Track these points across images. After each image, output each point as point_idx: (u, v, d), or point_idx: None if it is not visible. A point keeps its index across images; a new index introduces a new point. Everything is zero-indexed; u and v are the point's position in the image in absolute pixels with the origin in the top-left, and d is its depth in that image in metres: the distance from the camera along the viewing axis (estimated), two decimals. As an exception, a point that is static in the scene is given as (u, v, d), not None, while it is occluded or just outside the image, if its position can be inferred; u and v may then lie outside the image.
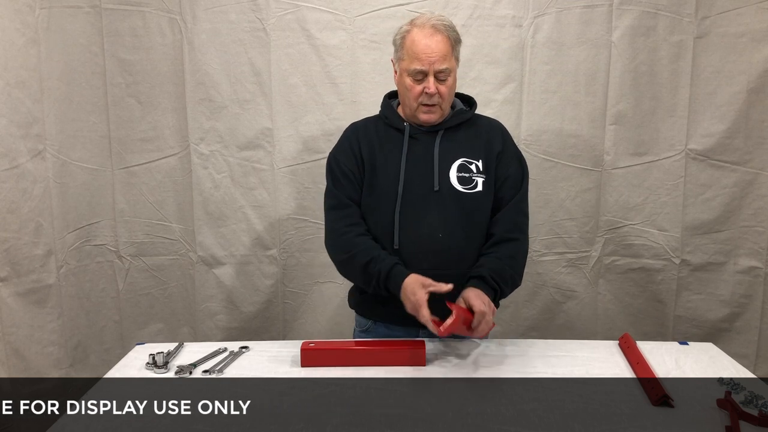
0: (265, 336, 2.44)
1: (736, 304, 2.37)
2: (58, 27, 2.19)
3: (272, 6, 2.25)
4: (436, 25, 1.48)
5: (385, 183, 1.55)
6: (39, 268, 2.17)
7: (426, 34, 1.47)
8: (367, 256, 1.49)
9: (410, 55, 1.48)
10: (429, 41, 1.46)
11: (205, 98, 2.31)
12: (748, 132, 2.25)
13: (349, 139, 1.63)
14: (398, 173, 1.54)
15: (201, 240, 2.40)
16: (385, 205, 1.54)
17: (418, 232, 1.51)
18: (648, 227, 2.37)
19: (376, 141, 1.60)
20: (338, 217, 1.57)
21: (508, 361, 1.44)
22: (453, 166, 1.55)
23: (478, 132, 1.61)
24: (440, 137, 1.57)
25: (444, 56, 1.47)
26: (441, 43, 1.47)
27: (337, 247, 1.57)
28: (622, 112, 2.29)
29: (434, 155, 1.55)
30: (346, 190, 1.58)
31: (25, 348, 2.13)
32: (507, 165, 1.58)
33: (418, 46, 1.47)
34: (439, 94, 1.50)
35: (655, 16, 2.22)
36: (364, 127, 1.64)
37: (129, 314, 2.46)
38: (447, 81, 1.50)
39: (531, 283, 2.42)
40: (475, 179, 1.54)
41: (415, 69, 1.48)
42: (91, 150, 2.33)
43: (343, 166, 1.59)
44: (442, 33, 1.48)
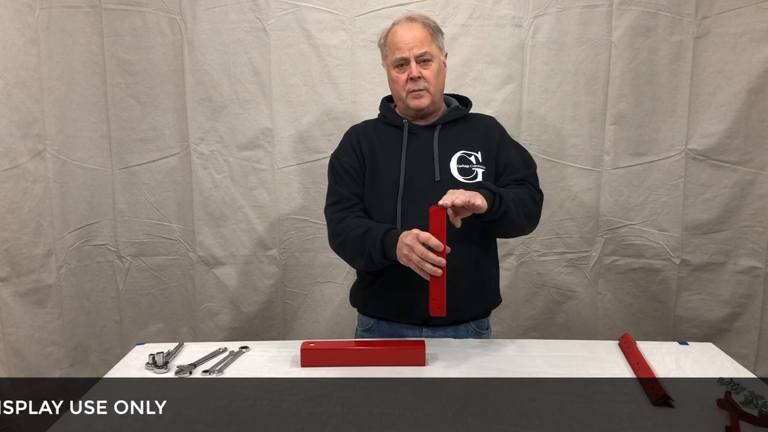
0: (265, 336, 2.44)
1: (736, 304, 2.37)
2: (58, 27, 2.19)
3: (272, 6, 2.25)
4: (411, 16, 1.58)
5: (386, 177, 1.58)
6: (39, 268, 2.17)
7: (403, 25, 1.57)
8: (362, 227, 1.50)
9: (391, 47, 1.57)
10: (405, 30, 1.55)
11: (205, 98, 2.31)
12: (748, 132, 2.25)
13: (350, 138, 1.67)
14: (399, 167, 1.57)
15: (201, 240, 2.41)
16: (386, 197, 1.57)
17: (420, 222, 1.51)
18: (648, 227, 2.37)
19: (376, 139, 1.63)
20: (339, 209, 1.59)
21: (508, 361, 1.44)
22: (453, 158, 1.58)
23: (475, 126, 1.65)
24: (438, 131, 1.60)
25: (422, 41, 1.54)
26: (417, 30, 1.55)
27: (336, 234, 1.57)
28: (622, 112, 2.29)
29: (434, 148, 1.58)
30: (348, 186, 1.60)
31: (25, 348, 2.13)
32: (506, 153, 1.63)
33: (396, 37, 1.56)
34: (424, 78, 1.55)
35: (655, 16, 2.22)
36: (363, 128, 1.69)
37: (129, 314, 2.46)
38: (430, 65, 1.55)
39: (531, 283, 2.43)
40: (475, 170, 1.57)
41: (397, 58, 1.55)
42: (91, 150, 2.33)
43: (345, 164, 1.62)
44: (417, 22, 1.56)
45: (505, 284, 2.38)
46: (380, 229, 1.47)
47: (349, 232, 1.52)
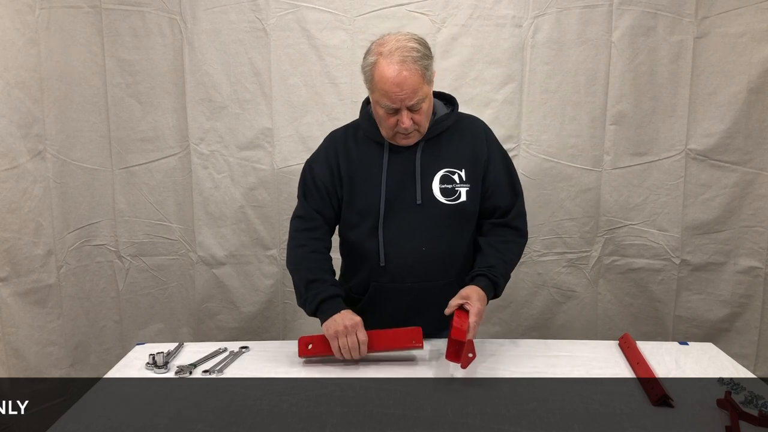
0: (265, 336, 2.44)
1: (736, 304, 2.37)
2: (58, 27, 2.19)
3: (272, 6, 2.25)
4: (404, 59, 1.36)
5: (365, 199, 1.52)
6: (39, 268, 2.18)
7: (394, 70, 1.36)
8: (312, 274, 1.50)
9: (380, 91, 1.40)
10: (397, 78, 1.36)
11: (205, 98, 2.31)
12: (748, 132, 2.25)
13: (327, 150, 1.58)
14: (379, 188, 1.51)
15: (201, 240, 2.41)
16: (366, 221, 1.52)
17: (402, 247, 1.49)
18: (648, 227, 2.37)
19: (355, 153, 1.55)
20: (302, 227, 1.57)
21: (508, 361, 1.44)
22: (435, 178, 1.50)
23: (461, 138, 1.55)
24: (421, 149, 1.52)
25: (415, 90, 1.37)
26: (410, 78, 1.36)
27: (291, 256, 1.57)
28: (622, 112, 2.29)
29: (416, 168, 1.51)
30: (315, 202, 1.56)
31: (25, 348, 2.13)
32: (495, 174, 1.55)
33: (386, 85, 1.37)
34: (414, 122, 1.43)
35: (655, 16, 2.22)
36: (343, 138, 1.58)
37: (129, 314, 2.46)
38: (422, 108, 1.42)
39: (531, 283, 2.43)
40: (458, 190, 1.51)
41: (386, 105, 1.41)
42: (91, 150, 2.33)
43: (317, 178, 1.56)
44: (409, 66, 1.36)
45: (505, 284, 2.38)
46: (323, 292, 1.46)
47: (300, 267, 1.52)
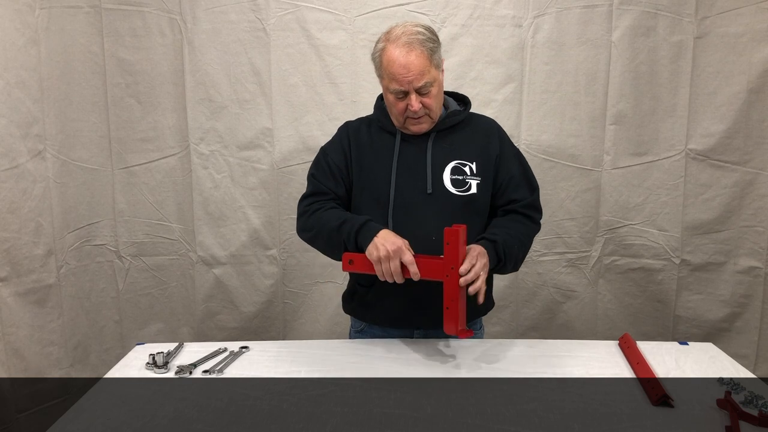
0: (265, 336, 2.45)
1: (736, 304, 2.37)
2: (58, 27, 2.20)
3: (272, 6, 2.25)
4: (410, 41, 1.40)
5: (375, 185, 1.53)
6: (39, 268, 2.18)
7: (401, 52, 1.40)
8: (339, 218, 1.46)
9: (388, 75, 1.44)
10: (404, 60, 1.40)
11: (205, 98, 2.31)
12: (748, 132, 2.25)
13: (341, 135, 1.61)
14: (390, 176, 1.52)
15: (201, 240, 2.41)
16: (376, 207, 1.53)
17: (411, 235, 1.50)
18: (648, 227, 2.37)
19: (367, 142, 1.57)
20: (312, 201, 1.55)
21: (508, 361, 1.44)
22: (446, 169, 1.52)
23: (474, 133, 1.57)
24: (433, 140, 1.54)
25: (422, 72, 1.40)
26: (417, 59, 1.39)
27: (308, 226, 1.54)
28: (622, 112, 2.29)
29: (427, 158, 1.53)
30: (328, 182, 1.57)
31: (25, 348, 2.13)
32: (508, 168, 1.57)
33: (393, 67, 1.41)
34: (424, 106, 1.45)
35: (655, 16, 2.22)
36: (357, 127, 1.62)
37: (129, 314, 2.46)
38: (431, 92, 1.44)
39: (531, 283, 2.43)
40: (469, 182, 1.52)
41: (395, 89, 1.44)
42: (91, 150, 2.33)
43: (330, 159, 1.58)
44: (416, 48, 1.40)
45: (505, 284, 2.39)
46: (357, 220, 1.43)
47: (322, 224, 1.48)
